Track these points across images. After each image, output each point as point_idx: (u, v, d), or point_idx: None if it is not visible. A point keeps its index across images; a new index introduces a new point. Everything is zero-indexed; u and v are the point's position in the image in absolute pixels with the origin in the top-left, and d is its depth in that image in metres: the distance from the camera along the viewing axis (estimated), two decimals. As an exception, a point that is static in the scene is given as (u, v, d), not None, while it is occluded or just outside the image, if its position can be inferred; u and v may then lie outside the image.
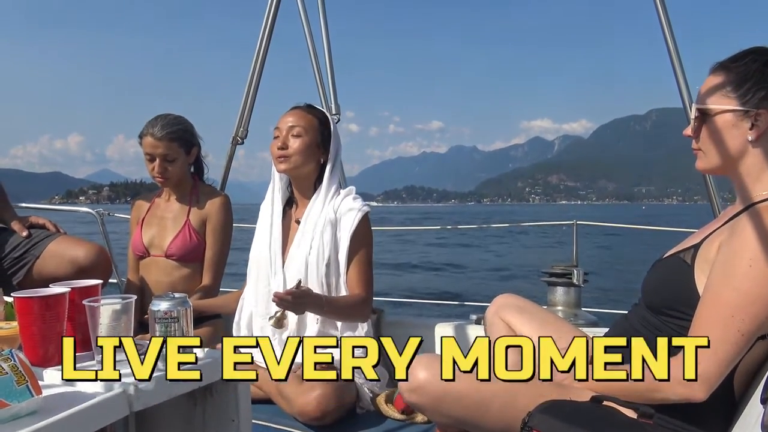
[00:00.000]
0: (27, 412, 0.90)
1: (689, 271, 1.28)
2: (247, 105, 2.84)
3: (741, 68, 1.29)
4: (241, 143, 2.89)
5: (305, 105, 2.20)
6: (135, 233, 2.52)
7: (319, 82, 2.98)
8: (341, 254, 2.07)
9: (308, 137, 2.10)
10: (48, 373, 1.09)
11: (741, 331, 1.17)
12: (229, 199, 2.52)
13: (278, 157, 2.10)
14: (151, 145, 2.39)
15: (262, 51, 2.79)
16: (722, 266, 1.21)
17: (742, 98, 1.27)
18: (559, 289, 2.81)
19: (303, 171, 2.13)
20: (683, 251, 1.34)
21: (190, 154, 2.49)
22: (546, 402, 1.24)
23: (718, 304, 1.19)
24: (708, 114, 1.32)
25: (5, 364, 0.90)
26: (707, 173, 1.49)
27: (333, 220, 2.08)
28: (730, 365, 1.19)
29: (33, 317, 1.11)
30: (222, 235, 2.47)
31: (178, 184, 2.50)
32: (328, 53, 2.98)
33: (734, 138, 1.29)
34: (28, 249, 2.07)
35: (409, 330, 2.46)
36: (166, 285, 2.41)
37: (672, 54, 2.17)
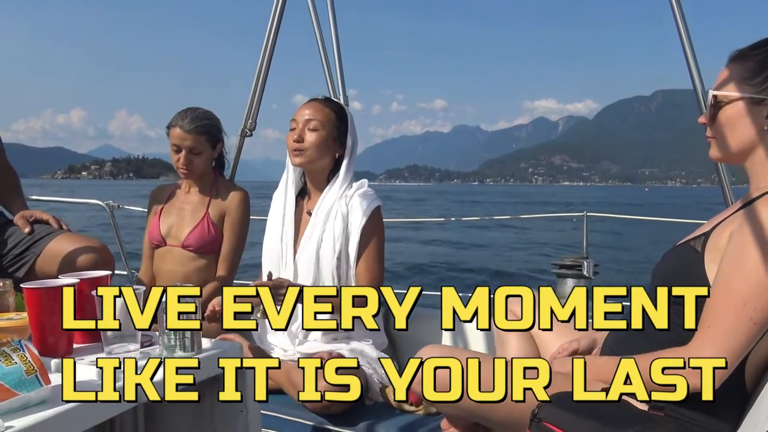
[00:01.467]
0: (37, 402, 0.90)
1: (700, 260, 1.27)
2: (255, 97, 2.83)
3: (760, 56, 1.27)
4: (249, 135, 2.88)
5: (323, 97, 2.19)
6: (152, 222, 2.53)
7: (327, 74, 2.96)
8: (352, 248, 2.07)
9: (325, 131, 2.09)
10: (57, 363, 1.10)
11: (753, 319, 1.16)
12: (248, 195, 2.54)
13: (294, 150, 2.09)
14: (179, 136, 2.41)
15: (270, 44, 2.78)
16: (734, 255, 1.20)
17: (759, 86, 1.26)
18: (569, 281, 2.80)
19: (318, 165, 2.12)
20: (694, 239, 1.32)
21: (215, 149, 2.51)
22: (556, 394, 1.23)
23: (729, 292, 1.18)
24: (724, 102, 1.30)
25: (14, 354, 0.91)
26: (721, 161, 1.48)
27: (345, 212, 2.08)
28: (741, 355, 1.18)
29: (42, 308, 1.12)
30: (239, 230, 2.49)
31: (200, 177, 2.52)
32: (336, 45, 2.96)
33: (750, 126, 1.27)
34: (30, 246, 2.06)
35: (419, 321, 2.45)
36: (181, 275, 2.42)
37: (684, 40, 2.14)
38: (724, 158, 1.37)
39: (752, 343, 1.18)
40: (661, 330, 1.28)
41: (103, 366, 0.97)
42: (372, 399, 1.98)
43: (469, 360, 1.34)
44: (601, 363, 1.38)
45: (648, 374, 1.21)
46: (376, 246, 2.09)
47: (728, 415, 1.25)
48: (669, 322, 1.28)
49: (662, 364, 1.19)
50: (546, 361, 1.33)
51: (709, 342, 1.18)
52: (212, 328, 2.36)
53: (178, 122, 2.42)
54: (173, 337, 1.11)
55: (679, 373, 1.18)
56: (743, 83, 1.28)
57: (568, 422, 1.15)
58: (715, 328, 1.18)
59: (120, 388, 0.98)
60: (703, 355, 1.17)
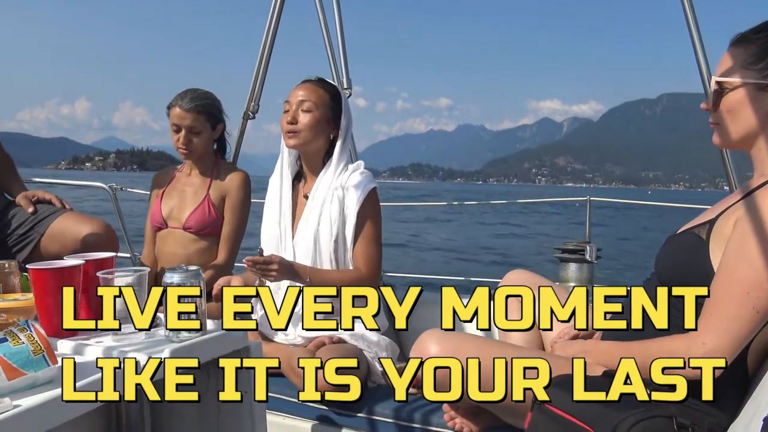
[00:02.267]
0: (43, 381, 0.91)
1: (704, 247, 1.26)
2: (258, 79, 2.81)
3: (763, 39, 1.25)
4: (252, 118, 2.87)
5: (316, 78, 2.17)
6: (154, 205, 2.54)
7: (330, 55, 2.94)
8: (348, 229, 2.06)
9: (318, 112, 2.07)
10: (63, 343, 1.11)
11: (756, 308, 1.16)
12: (248, 176, 2.54)
13: (287, 132, 2.08)
14: (178, 116, 2.42)
15: (273, 24, 2.76)
16: (738, 242, 1.20)
17: (763, 71, 1.24)
18: (571, 266, 2.81)
19: (312, 146, 2.11)
20: (698, 227, 1.31)
21: (215, 130, 2.51)
22: (557, 377, 1.24)
23: (733, 280, 1.18)
24: (727, 87, 1.29)
25: (22, 334, 0.92)
26: (724, 148, 1.46)
27: (341, 195, 2.07)
28: (744, 342, 1.18)
29: (48, 289, 1.13)
30: (240, 212, 2.49)
31: (200, 159, 2.52)
32: (339, 26, 2.94)
33: (753, 112, 1.26)
34: (34, 226, 2.05)
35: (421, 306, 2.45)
36: (182, 257, 2.43)
37: (691, 28, 2.11)
38: (728, 144, 1.35)
39: (755, 331, 1.18)
40: (660, 330, 1.28)
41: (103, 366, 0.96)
42: (374, 382, 2.00)
43: (469, 360, 1.35)
44: (603, 347, 1.38)
45: (648, 368, 1.21)
46: (372, 227, 2.09)
47: (729, 399, 1.26)
48: (669, 322, 1.28)
49: (662, 364, 1.20)
50: (545, 360, 1.34)
51: (711, 329, 1.18)
52: (215, 311, 2.38)
53: (178, 102, 2.43)
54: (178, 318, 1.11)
55: (678, 373, 1.19)
56: (746, 68, 1.26)
57: (570, 404, 1.15)
58: (717, 315, 1.18)
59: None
60: (705, 341, 1.17)
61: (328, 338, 1.99)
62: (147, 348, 1.08)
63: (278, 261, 1.93)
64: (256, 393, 1.23)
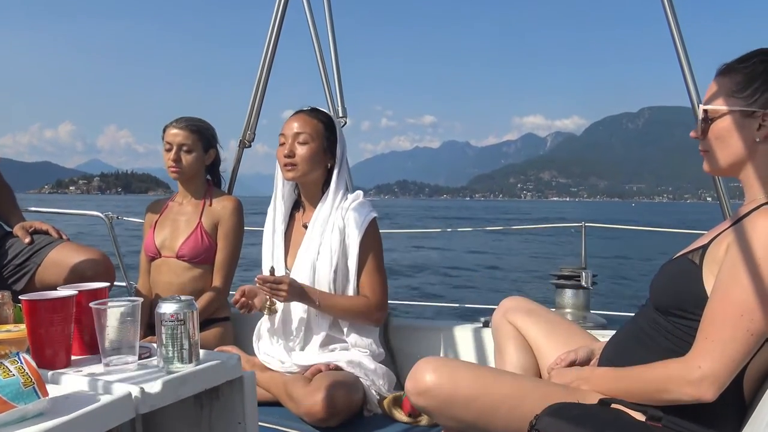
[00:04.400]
0: (34, 414, 0.90)
1: (697, 272, 1.27)
2: (254, 108, 2.84)
3: (748, 69, 1.29)
4: (248, 146, 2.89)
5: (309, 108, 2.18)
6: (148, 235, 2.55)
7: (325, 84, 2.98)
8: (351, 261, 2.06)
9: (315, 144, 2.09)
10: (54, 375, 1.10)
11: (750, 330, 1.16)
12: (241, 203, 2.55)
13: (285, 165, 2.09)
14: (171, 134, 2.47)
15: (269, 56, 2.80)
16: (731, 266, 1.20)
17: (749, 99, 1.27)
18: (567, 292, 2.80)
19: (310, 177, 2.12)
20: (692, 252, 1.33)
21: (207, 154, 2.54)
22: (554, 405, 1.23)
23: (726, 303, 1.19)
24: (715, 115, 1.31)
25: (12, 366, 0.91)
26: (715, 174, 1.49)
27: (341, 225, 2.08)
28: (740, 365, 1.18)
29: (40, 320, 1.12)
30: (233, 239, 2.50)
31: (190, 182, 2.53)
32: (334, 56, 2.97)
33: (741, 139, 1.29)
34: (30, 256, 2.05)
35: (417, 333, 2.45)
36: (177, 286, 2.42)
37: (680, 55, 2.15)
38: (718, 171, 1.37)
39: (750, 354, 1.19)
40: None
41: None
42: (370, 410, 1.98)
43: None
44: (599, 374, 1.38)
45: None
46: (375, 257, 2.09)
47: (726, 425, 1.25)
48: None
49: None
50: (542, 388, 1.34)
51: (707, 353, 1.18)
52: (210, 340, 2.36)
53: (172, 123, 2.49)
54: (171, 348, 1.11)
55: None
56: (732, 96, 1.29)
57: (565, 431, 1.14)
58: (712, 339, 1.19)
59: (117, 400, 0.98)
60: (701, 365, 1.17)
61: (325, 365, 1.98)
62: (139, 379, 1.07)
63: (289, 282, 1.94)
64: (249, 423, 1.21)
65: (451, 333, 2.41)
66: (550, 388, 1.37)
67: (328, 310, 2.02)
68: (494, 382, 1.37)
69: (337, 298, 2.04)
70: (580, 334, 1.72)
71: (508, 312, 1.79)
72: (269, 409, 1.93)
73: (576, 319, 2.63)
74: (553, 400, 1.27)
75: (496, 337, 1.81)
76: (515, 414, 1.31)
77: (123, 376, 1.09)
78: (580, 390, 1.36)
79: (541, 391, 1.35)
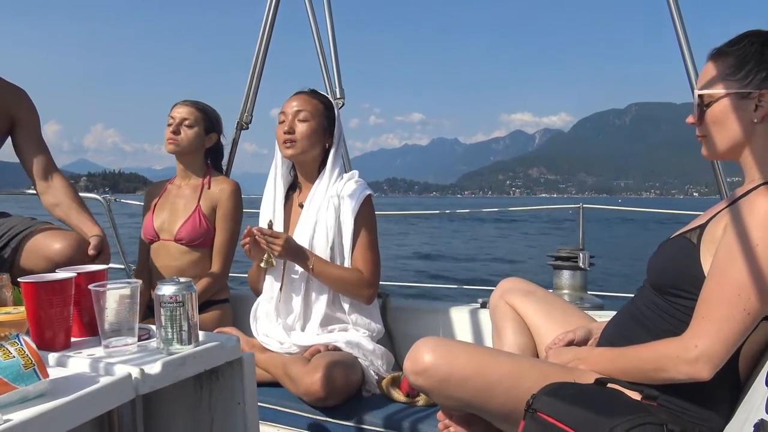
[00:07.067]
0: (35, 395, 0.91)
1: (695, 251, 1.28)
2: (251, 89, 2.82)
3: (740, 51, 1.29)
4: (246, 128, 2.88)
5: (309, 90, 2.20)
6: (147, 218, 2.55)
7: (323, 65, 2.96)
8: (345, 238, 2.08)
9: (315, 122, 2.10)
10: (54, 356, 1.10)
11: (747, 310, 1.17)
12: (239, 186, 2.55)
13: (284, 141, 2.10)
14: (175, 110, 2.50)
15: (266, 35, 2.77)
16: (728, 246, 1.21)
17: (743, 81, 1.27)
18: (565, 273, 2.81)
19: (309, 156, 2.13)
20: (689, 231, 1.33)
21: (208, 136, 2.54)
22: (550, 384, 1.25)
23: (723, 282, 1.19)
24: (711, 99, 1.31)
25: (12, 348, 0.91)
26: (713, 159, 1.48)
27: (336, 203, 2.09)
28: (735, 344, 1.19)
29: (40, 302, 1.12)
30: (231, 222, 2.49)
31: (187, 159, 2.53)
32: (332, 35, 2.95)
33: (739, 121, 1.28)
34: (8, 242, 2.00)
35: (415, 314, 2.46)
36: (175, 269, 2.43)
37: (681, 40, 2.13)
38: (716, 155, 1.37)
39: (746, 334, 1.20)
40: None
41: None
42: (369, 390, 2.00)
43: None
44: (597, 354, 1.39)
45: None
46: (369, 234, 2.10)
47: (721, 405, 1.26)
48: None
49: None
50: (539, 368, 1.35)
51: (703, 332, 1.19)
52: (209, 322, 2.38)
53: (180, 101, 2.53)
54: (170, 330, 1.11)
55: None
56: (726, 79, 1.29)
57: (563, 412, 1.16)
58: (709, 318, 1.19)
59: (117, 381, 0.99)
60: (697, 344, 1.18)
61: (324, 346, 2.00)
62: (139, 360, 1.08)
63: (285, 238, 1.98)
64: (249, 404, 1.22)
65: (450, 314, 2.42)
66: (548, 368, 1.38)
67: (321, 276, 2.03)
68: (491, 362, 1.38)
69: (331, 266, 2.05)
70: (577, 315, 1.73)
71: (506, 293, 1.80)
72: (268, 389, 1.94)
73: (573, 300, 2.64)
74: (551, 379, 1.28)
75: (494, 318, 1.82)
76: (512, 393, 1.32)
77: (123, 358, 1.10)
78: (577, 370, 1.37)
79: (538, 370, 1.36)
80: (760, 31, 1.31)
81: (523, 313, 1.76)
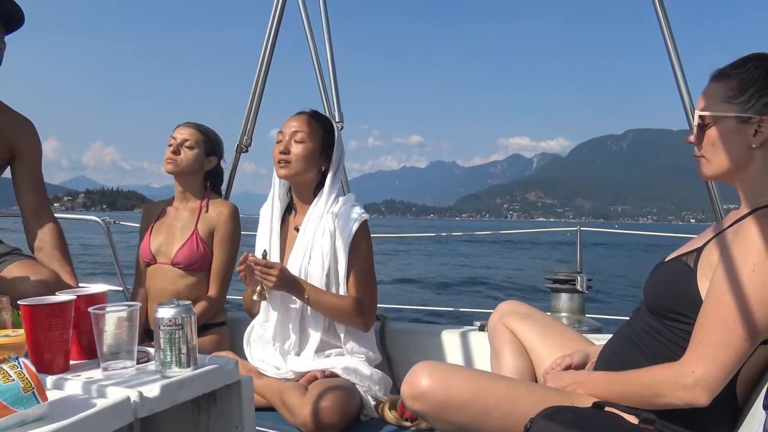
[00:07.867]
0: (33, 419, 0.91)
1: (691, 275, 1.28)
2: (251, 112, 2.84)
3: (743, 75, 1.29)
4: (245, 151, 2.89)
5: (310, 111, 2.19)
6: (144, 240, 2.53)
7: (322, 88, 2.99)
8: (341, 263, 2.05)
9: (311, 143, 2.09)
10: (53, 379, 1.10)
11: (744, 336, 1.17)
12: (237, 209, 2.54)
13: (279, 162, 2.10)
14: (177, 131, 2.51)
15: (266, 59, 2.80)
16: (725, 270, 1.21)
17: (744, 105, 1.28)
18: (563, 296, 2.81)
19: (304, 178, 2.12)
20: (686, 254, 1.33)
21: (208, 159, 2.53)
22: (548, 408, 1.24)
23: (720, 308, 1.19)
24: (710, 121, 1.32)
25: (11, 371, 0.91)
26: (710, 180, 1.49)
27: (332, 228, 2.07)
28: (733, 370, 1.19)
29: (39, 324, 1.13)
30: (229, 246, 2.47)
31: (185, 180, 2.52)
32: (331, 60, 2.99)
33: (737, 144, 1.29)
34: None
35: (414, 337, 2.46)
36: (171, 293, 2.41)
37: (673, 61, 2.16)
38: (713, 177, 1.38)
39: (743, 359, 1.19)
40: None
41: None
42: (367, 415, 1.98)
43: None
44: (595, 378, 1.39)
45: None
46: (365, 260, 2.09)
47: (719, 429, 1.26)
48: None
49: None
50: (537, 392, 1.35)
51: (700, 358, 1.19)
52: (206, 345, 2.36)
53: (182, 123, 2.53)
54: (169, 353, 1.11)
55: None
56: (728, 102, 1.29)
57: (560, 436, 1.15)
58: (706, 344, 1.19)
59: (115, 404, 0.99)
60: (695, 370, 1.18)
61: (321, 372, 1.98)
62: (137, 383, 1.08)
63: (280, 268, 1.94)
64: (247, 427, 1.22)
65: (448, 337, 2.42)
66: (545, 392, 1.38)
67: (317, 306, 2.01)
68: (489, 386, 1.38)
69: (327, 295, 2.03)
70: (575, 338, 1.73)
71: (504, 316, 1.80)
72: (266, 413, 1.93)
73: (571, 323, 2.64)
74: (548, 403, 1.28)
75: (493, 341, 1.81)
76: (510, 418, 1.32)
77: (121, 381, 1.09)
78: (575, 394, 1.36)
79: (535, 395, 1.36)
80: (765, 54, 1.31)
81: (521, 337, 1.75)
